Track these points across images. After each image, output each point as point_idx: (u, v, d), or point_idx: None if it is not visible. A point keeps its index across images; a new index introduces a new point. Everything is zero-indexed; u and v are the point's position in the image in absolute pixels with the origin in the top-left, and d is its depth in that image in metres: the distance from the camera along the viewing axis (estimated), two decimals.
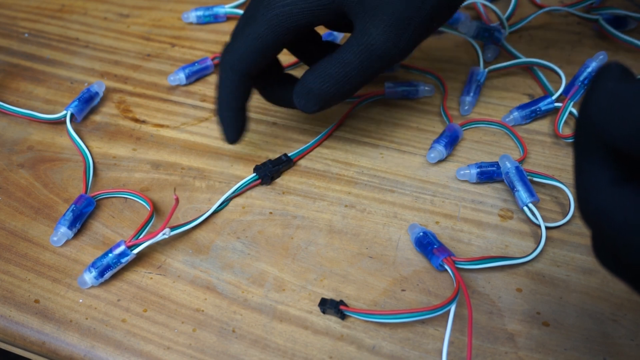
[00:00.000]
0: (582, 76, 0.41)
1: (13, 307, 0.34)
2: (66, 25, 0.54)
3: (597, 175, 0.20)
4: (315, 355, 0.31)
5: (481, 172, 0.38)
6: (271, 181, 0.39)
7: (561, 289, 0.33)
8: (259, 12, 0.33)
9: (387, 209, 0.38)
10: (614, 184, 0.20)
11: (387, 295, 0.33)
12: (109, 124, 0.45)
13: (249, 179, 0.39)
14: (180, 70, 0.47)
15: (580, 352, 0.31)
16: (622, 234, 0.19)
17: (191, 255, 0.36)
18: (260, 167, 0.39)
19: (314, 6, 0.33)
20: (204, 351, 0.32)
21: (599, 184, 0.20)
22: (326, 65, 0.34)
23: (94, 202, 0.38)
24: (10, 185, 0.41)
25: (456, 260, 0.33)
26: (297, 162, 0.41)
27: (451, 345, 0.31)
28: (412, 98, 0.44)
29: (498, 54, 0.47)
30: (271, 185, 0.39)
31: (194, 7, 0.53)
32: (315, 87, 0.35)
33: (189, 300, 0.34)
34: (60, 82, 0.49)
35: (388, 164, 0.40)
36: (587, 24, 0.49)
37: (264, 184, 0.39)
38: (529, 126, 0.42)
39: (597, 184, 0.20)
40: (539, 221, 0.35)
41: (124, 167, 0.41)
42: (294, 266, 0.35)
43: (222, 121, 0.37)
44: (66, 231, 0.36)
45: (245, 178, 0.39)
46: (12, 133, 0.44)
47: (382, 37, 0.33)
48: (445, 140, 0.40)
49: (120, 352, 0.32)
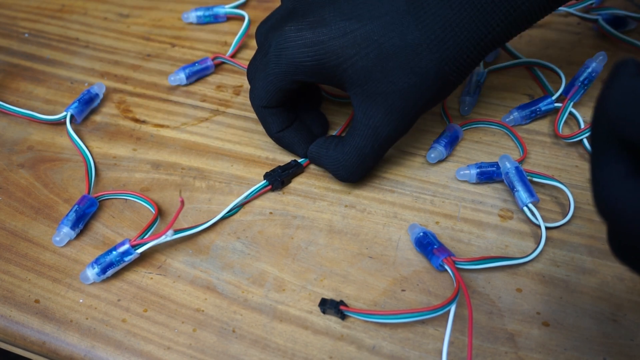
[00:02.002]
0: (582, 76, 0.41)
1: (13, 307, 0.34)
2: (66, 25, 0.54)
3: (613, 169, 0.21)
4: (315, 355, 0.31)
5: (481, 172, 0.38)
6: (282, 187, 0.39)
7: (561, 289, 0.33)
8: (270, 66, 0.36)
9: (387, 209, 0.38)
10: (629, 178, 0.20)
11: (387, 295, 0.33)
12: (109, 124, 0.45)
13: (259, 186, 0.39)
14: (181, 71, 0.47)
15: (580, 352, 0.31)
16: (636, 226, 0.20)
17: (191, 255, 0.36)
18: (270, 174, 0.39)
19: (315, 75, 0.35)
20: (204, 351, 0.32)
21: (614, 178, 0.20)
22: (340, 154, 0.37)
23: (97, 203, 0.38)
24: (10, 185, 0.41)
25: (456, 261, 0.33)
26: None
27: (451, 345, 0.31)
28: None
29: (498, 54, 0.47)
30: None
31: (194, 7, 0.53)
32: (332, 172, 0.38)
33: (189, 300, 0.34)
34: (60, 82, 0.49)
35: (388, 164, 0.40)
36: (587, 24, 0.49)
37: (274, 190, 0.39)
38: (528, 126, 0.42)
39: (612, 178, 0.20)
40: (539, 221, 0.35)
41: (124, 167, 0.41)
42: (294, 266, 0.35)
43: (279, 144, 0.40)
44: (69, 231, 0.37)
45: (256, 185, 0.39)
46: (12, 133, 0.44)
47: (385, 120, 0.35)
48: (445, 140, 0.40)
49: (121, 352, 0.32)
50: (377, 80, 0.34)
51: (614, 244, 0.23)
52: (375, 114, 0.35)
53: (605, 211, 0.21)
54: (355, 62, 0.34)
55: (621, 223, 0.20)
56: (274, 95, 0.37)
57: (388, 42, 0.33)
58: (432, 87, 0.34)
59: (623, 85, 0.20)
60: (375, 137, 0.35)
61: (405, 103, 0.34)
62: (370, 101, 0.35)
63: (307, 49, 0.34)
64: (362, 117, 0.35)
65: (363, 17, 0.34)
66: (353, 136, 0.36)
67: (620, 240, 0.22)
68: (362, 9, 0.34)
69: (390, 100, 0.34)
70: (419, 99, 0.34)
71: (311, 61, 0.35)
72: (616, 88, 0.20)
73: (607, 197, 0.21)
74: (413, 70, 0.33)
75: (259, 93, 0.37)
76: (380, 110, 0.35)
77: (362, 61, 0.34)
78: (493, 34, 0.33)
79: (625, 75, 0.20)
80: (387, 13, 0.33)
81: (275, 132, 0.39)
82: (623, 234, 0.20)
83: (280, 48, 0.35)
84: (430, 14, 0.33)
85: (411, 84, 0.34)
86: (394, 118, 0.35)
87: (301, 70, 0.35)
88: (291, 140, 0.39)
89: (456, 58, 0.33)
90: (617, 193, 0.20)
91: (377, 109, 0.35)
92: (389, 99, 0.34)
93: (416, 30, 0.33)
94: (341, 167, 0.37)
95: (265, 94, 0.37)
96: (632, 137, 0.20)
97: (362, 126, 0.35)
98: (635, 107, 0.19)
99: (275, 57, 0.36)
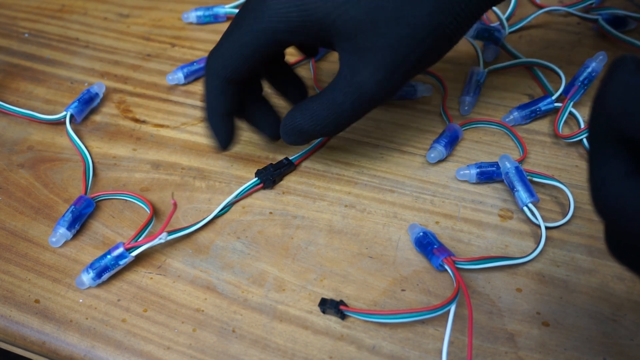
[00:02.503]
0: (582, 76, 0.41)
1: (13, 307, 0.34)
2: (66, 25, 0.54)
3: (611, 167, 0.20)
4: (315, 355, 0.31)
5: (481, 172, 0.38)
6: (273, 185, 0.39)
7: (561, 289, 0.33)
8: (247, 21, 0.33)
9: (387, 209, 0.38)
10: (628, 176, 0.20)
11: (387, 295, 0.33)
12: (109, 124, 0.45)
13: (251, 184, 0.39)
14: (179, 70, 0.47)
15: (580, 352, 0.31)
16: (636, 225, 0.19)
17: (191, 255, 0.36)
18: (262, 171, 0.39)
19: (301, 29, 0.32)
20: (204, 351, 0.32)
21: (612, 176, 0.20)
22: (317, 105, 0.34)
23: (93, 204, 0.38)
24: (10, 185, 0.41)
25: (456, 260, 0.33)
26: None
27: (451, 345, 0.31)
28: (411, 98, 0.44)
29: (498, 54, 0.47)
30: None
31: (194, 7, 0.53)
32: (306, 127, 0.35)
33: (189, 300, 0.34)
34: (60, 82, 0.49)
35: (388, 164, 0.40)
36: (587, 24, 0.49)
37: (266, 188, 0.39)
38: (528, 126, 0.42)
39: (611, 176, 0.20)
40: (538, 221, 0.35)
41: (124, 167, 0.41)
42: (294, 266, 0.35)
43: (210, 127, 0.37)
44: (65, 232, 0.36)
45: (247, 183, 0.39)
46: (12, 133, 0.44)
47: (371, 78, 0.32)
48: (445, 140, 0.40)
49: (120, 352, 0.32)
50: (367, 32, 0.31)
51: (611, 243, 0.22)
52: (362, 70, 0.32)
53: (604, 210, 0.21)
54: (344, 11, 0.31)
55: (621, 222, 0.20)
56: (245, 61, 0.33)
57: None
58: (426, 40, 0.32)
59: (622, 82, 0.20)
60: (359, 94, 0.33)
61: (396, 58, 0.32)
62: (357, 56, 0.32)
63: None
64: (347, 73, 0.33)
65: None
66: (332, 90, 0.33)
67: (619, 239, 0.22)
68: None
69: (379, 56, 0.32)
70: (411, 54, 0.32)
71: (297, 12, 0.31)
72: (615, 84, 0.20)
73: (606, 196, 0.20)
74: (406, 21, 0.31)
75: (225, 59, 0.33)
76: (368, 66, 0.32)
77: (352, 10, 0.31)
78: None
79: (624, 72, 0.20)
80: None
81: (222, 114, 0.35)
82: (623, 233, 0.20)
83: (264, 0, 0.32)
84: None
85: (403, 34, 0.31)
86: (382, 76, 0.32)
87: (285, 26, 0.32)
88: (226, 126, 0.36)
89: (452, 6, 0.31)
90: (617, 192, 0.20)
91: (365, 65, 0.32)
92: (378, 54, 0.32)
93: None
94: (316, 120, 0.34)
95: (233, 60, 0.33)
96: (632, 134, 0.19)
97: (345, 82, 0.33)
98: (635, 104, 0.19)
99: (255, 11, 0.32)
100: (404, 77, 0.33)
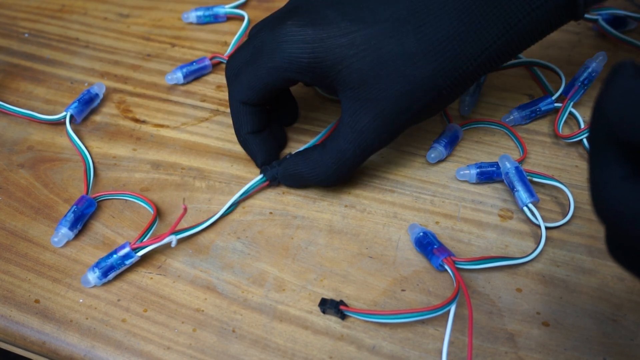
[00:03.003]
0: (582, 77, 0.41)
1: (13, 307, 0.34)
2: (66, 25, 0.54)
3: (611, 171, 0.20)
4: (315, 355, 0.31)
5: (481, 172, 0.38)
6: (278, 183, 0.39)
7: (561, 289, 0.33)
8: (263, 59, 0.35)
9: (387, 209, 0.38)
10: (627, 179, 0.20)
11: (387, 295, 0.33)
12: (109, 124, 0.45)
13: (257, 181, 0.39)
14: (178, 70, 0.47)
15: (580, 352, 0.31)
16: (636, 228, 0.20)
17: (191, 255, 0.36)
18: (267, 169, 0.39)
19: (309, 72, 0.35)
20: (204, 351, 0.32)
21: (612, 179, 0.20)
22: (319, 154, 0.36)
23: (95, 204, 0.38)
24: (10, 185, 0.41)
25: (456, 260, 0.33)
26: None
27: (451, 345, 0.31)
28: None
29: None
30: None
31: (194, 7, 0.53)
32: (307, 175, 0.37)
33: (189, 300, 0.34)
34: (60, 82, 0.49)
35: (388, 164, 0.40)
36: (587, 24, 0.49)
37: (272, 185, 0.39)
38: (528, 126, 0.42)
39: (611, 179, 0.20)
40: (538, 221, 0.35)
41: (124, 167, 0.41)
42: (294, 266, 0.35)
43: (242, 146, 0.40)
44: (67, 232, 0.37)
45: (253, 180, 0.39)
46: (12, 133, 0.44)
47: (371, 125, 0.35)
48: (445, 140, 0.40)
49: (121, 352, 0.32)
50: (370, 85, 0.34)
51: (612, 246, 0.22)
52: (363, 119, 0.34)
53: (604, 213, 0.21)
54: (351, 63, 0.34)
55: (621, 225, 0.20)
56: (259, 91, 0.36)
57: (386, 47, 0.33)
58: (424, 98, 0.34)
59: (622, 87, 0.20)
60: (359, 142, 0.35)
61: (394, 110, 0.34)
62: (359, 105, 0.34)
63: (306, 45, 0.34)
64: (349, 120, 0.35)
65: (365, 20, 0.34)
66: (336, 138, 0.36)
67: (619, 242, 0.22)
68: (366, 12, 0.34)
69: (380, 107, 0.34)
70: (409, 109, 0.34)
71: (308, 58, 0.34)
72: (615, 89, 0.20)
73: (606, 199, 0.20)
74: (407, 79, 0.33)
75: (243, 87, 0.37)
76: (368, 115, 0.34)
77: (358, 63, 0.34)
78: (490, 50, 0.33)
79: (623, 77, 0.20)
80: (388, 19, 0.33)
81: (245, 133, 0.38)
82: (623, 235, 0.20)
83: (279, 42, 0.35)
84: (429, 25, 0.33)
85: (403, 91, 0.34)
86: (381, 125, 0.35)
87: (295, 67, 0.35)
88: (257, 146, 0.39)
89: (451, 71, 0.33)
90: (616, 195, 0.20)
91: (365, 114, 0.34)
92: (379, 105, 0.34)
93: (414, 40, 0.33)
94: (317, 167, 0.36)
95: (249, 89, 0.36)
96: (631, 138, 0.19)
97: (348, 129, 0.35)
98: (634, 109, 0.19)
99: (271, 50, 0.35)
100: (400, 128, 0.36)
